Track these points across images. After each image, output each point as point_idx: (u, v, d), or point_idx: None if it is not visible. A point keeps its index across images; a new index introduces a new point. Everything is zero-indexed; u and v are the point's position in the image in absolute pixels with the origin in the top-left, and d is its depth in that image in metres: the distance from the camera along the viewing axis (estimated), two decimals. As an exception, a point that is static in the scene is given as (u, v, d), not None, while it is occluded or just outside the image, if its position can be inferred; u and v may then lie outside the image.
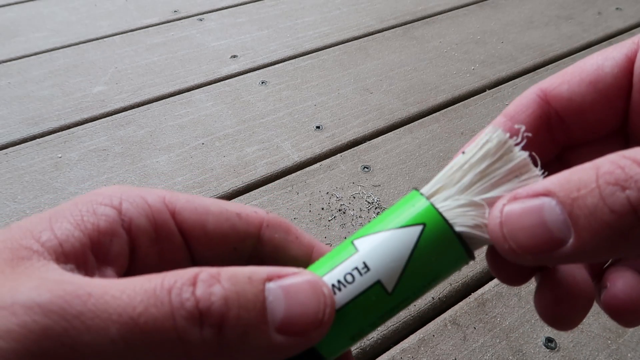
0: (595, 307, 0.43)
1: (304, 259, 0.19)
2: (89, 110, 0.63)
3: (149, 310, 0.13)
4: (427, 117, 0.62)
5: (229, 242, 0.18)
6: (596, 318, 0.40)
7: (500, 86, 0.67)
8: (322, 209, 0.49)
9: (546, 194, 0.14)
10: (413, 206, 0.16)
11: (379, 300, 0.16)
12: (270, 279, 0.15)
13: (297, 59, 0.73)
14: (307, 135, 0.59)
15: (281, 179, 0.53)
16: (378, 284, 0.16)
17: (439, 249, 0.16)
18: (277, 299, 0.14)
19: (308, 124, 0.61)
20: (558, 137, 0.20)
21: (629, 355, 0.37)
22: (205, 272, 0.14)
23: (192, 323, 0.13)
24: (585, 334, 0.39)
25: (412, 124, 0.61)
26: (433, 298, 0.41)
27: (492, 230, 0.15)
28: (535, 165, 0.16)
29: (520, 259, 0.14)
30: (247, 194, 0.51)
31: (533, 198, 0.14)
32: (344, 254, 0.16)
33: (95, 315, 0.12)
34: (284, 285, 0.15)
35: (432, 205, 0.16)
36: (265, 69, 0.71)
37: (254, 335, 0.14)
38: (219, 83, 0.68)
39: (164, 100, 0.65)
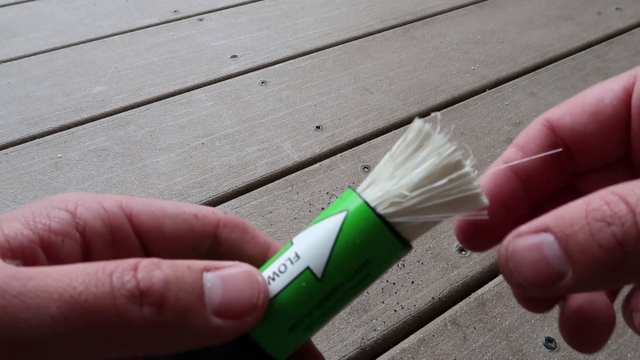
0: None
1: (259, 258, 0.20)
2: (89, 110, 0.63)
3: (89, 290, 0.13)
4: (427, 117, 0.62)
5: (187, 243, 0.19)
6: (596, 318, 0.40)
7: (500, 86, 0.67)
8: (322, 209, 0.49)
9: (545, 229, 0.15)
10: (341, 199, 0.17)
11: (310, 287, 0.16)
12: (208, 269, 0.16)
13: (297, 59, 0.73)
14: (307, 135, 0.59)
15: (281, 179, 0.53)
16: (307, 270, 0.16)
17: (363, 232, 0.16)
18: (214, 286, 0.15)
19: (308, 124, 0.61)
20: (567, 165, 0.21)
21: (629, 355, 0.37)
22: (146, 260, 0.15)
23: (133, 302, 0.14)
24: (585, 334, 0.39)
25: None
26: (433, 298, 0.41)
27: (500, 266, 0.16)
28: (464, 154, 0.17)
29: (529, 291, 0.16)
30: (247, 194, 0.51)
31: (534, 234, 0.15)
32: (283, 250, 0.17)
33: (35, 295, 0.13)
34: (221, 275, 0.16)
35: (354, 191, 0.17)
36: (265, 69, 0.71)
37: (192, 317, 0.14)
38: (219, 83, 0.68)
39: (164, 100, 0.65)
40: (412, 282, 0.43)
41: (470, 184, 0.16)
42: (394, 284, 0.42)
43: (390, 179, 0.17)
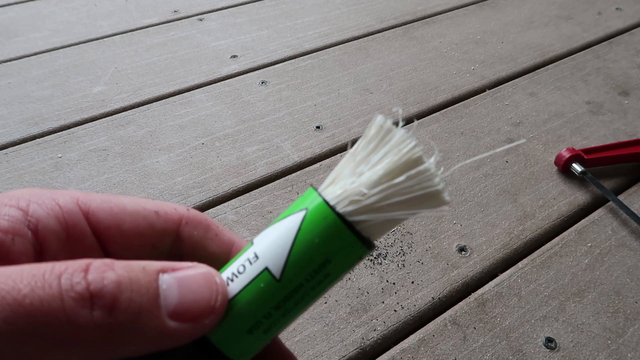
0: (595, 307, 0.43)
1: (222, 256, 0.19)
2: (89, 110, 0.63)
3: (35, 292, 0.13)
4: (427, 117, 0.62)
5: (147, 241, 0.18)
6: (596, 318, 0.40)
7: (500, 86, 0.67)
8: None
9: None
10: (303, 198, 0.17)
11: (268, 288, 0.16)
12: (164, 270, 0.15)
13: (297, 59, 0.73)
14: (307, 135, 0.59)
15: (281, 179, 0.53)
16: (266, 270, 0.16)
17: (322, 231, 0.16)
18: (170, 288, 0.15)
19: (308, 124, 0.61)
20: None
21: (629, 355, 0.37)
22: (98, 261, 0.14)
23: (82, 305, 0.13)
24: (585, 334, 0.39)
25: (411, 124, 0.61)
26: (433, 298, 0.41)
27: None
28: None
29: None
30: (247, 194, 0.51)
31: None
32: (243, 251, 0.17)
33: None
34: (178, 276, 0.15)
35: (315, 190, 0.16)
36: (265, 69, 0.71)
37: (146, 320, 0.14)
38: (219, 83, 0.68)
39: (164, 100, 0.65)
40: (412, 282, 0.43)
41: (431, 181, 0.16)
42: (394, 284, 0.42)
43: (350, 177, 0.16)
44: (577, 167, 0.51)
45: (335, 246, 0.16)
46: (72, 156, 0.56)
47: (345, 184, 0.16)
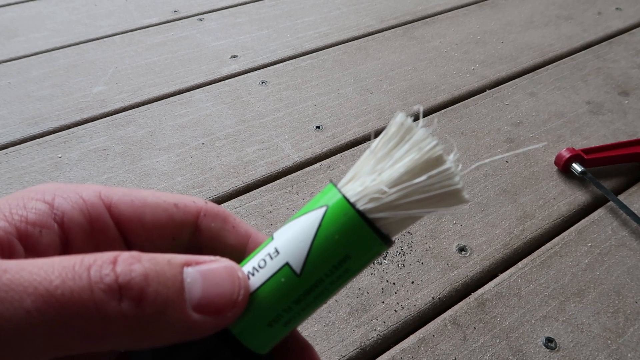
0: (596, 307, 0.43)
1: (239, 248, 0.20)
2: (89, 110, 0.63)
3: (66, 283, 0.13)
4: (427, 117, 0.62)
5: (167, 233, 0.19)
6: (596, 318, 0.40)
7: (500, 86, 0.67)
8: (322, 209, 0.49)
9: None
10: (322, 194, 0.17)
11: (289, 282, 0.16)
12: (188, 264, 0.15)
13: (297, 59, 0.73)
14: (307, 135, 0.59)
15: (281, 179, 0.53)
16: (286, 265, 0.16)
17: (342, 227, 0.16)
18: (194, 281, 0.15)
19: (308, 124, 0.61)
20: None
21: (629, 355, 0.37)
22: (126, 253, 0.14)
23: (111, 296, 0.13)
24: (585, 334, 0.39)
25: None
26: (433, 298, 0.41)
27: None
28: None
29: None
30: (247, 194, 0.51)
31: None
32: (263, 245, 0.17)
33: (10, 289, 0.12)
34: (201, 270, 0.15)
35: (335, 186, 0.17)
36: (265, 69, 0.71)
37: (172, 312, 0.14)
38: (219, 83, 0.68)
39: (164, 100, 0.65)
40: (412, 282, 0.43)
41: (451, 180, 0.16)
42: (394, 284, 0.42)
43: (370, 174, 0.16)
44: (577, 167, 0.51)
45: (355, 243, 0.16)
46: (72, 156, 0.56)
47: (365, 181, 0.16)
